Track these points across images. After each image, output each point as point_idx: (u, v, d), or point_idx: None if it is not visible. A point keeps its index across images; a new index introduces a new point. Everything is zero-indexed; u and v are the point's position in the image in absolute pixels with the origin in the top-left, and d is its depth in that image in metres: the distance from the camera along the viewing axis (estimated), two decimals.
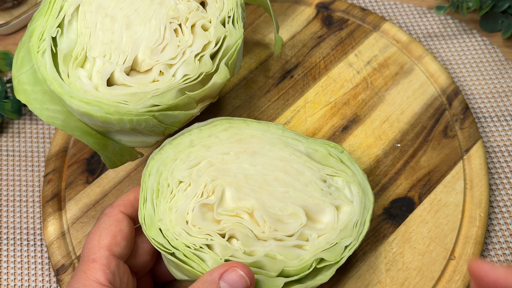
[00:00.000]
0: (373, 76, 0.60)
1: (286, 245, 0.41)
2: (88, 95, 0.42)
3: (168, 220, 0.41)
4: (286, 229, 0.42)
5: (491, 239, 0.53)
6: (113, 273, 0.40)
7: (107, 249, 0.41)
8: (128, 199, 0.44)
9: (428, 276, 0.49)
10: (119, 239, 0.42)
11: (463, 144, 0.55)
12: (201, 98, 0.45)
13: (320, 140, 0.48)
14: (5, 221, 0.57)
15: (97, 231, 0.42)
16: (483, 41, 0.64)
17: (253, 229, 0.41)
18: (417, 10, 0.67)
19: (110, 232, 0.42)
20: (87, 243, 0.42)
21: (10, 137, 0.62)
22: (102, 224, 0.42)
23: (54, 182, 0.56)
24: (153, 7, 0.46)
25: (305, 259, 0.41)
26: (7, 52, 0.63)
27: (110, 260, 0.41)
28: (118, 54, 0.44)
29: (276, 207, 0.43)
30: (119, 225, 0.42)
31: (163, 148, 0.44)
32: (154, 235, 0.41)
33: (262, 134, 0.47)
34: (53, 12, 0.45)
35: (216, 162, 0.44)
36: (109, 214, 0.43)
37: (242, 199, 0.42)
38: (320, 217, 0.44)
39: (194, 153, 0.44)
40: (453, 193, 0.53)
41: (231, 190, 0.43)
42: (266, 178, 0.44)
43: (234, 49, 0.45)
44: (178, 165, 0.43)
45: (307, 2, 0.65)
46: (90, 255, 0.41)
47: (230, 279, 0.38)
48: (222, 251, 0.40)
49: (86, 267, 0.40)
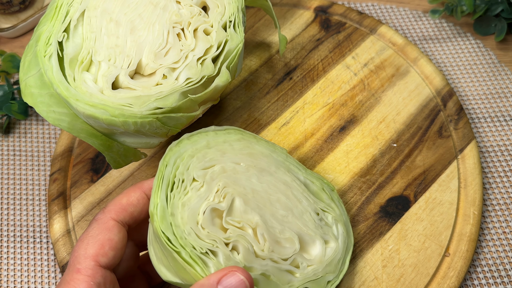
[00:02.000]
0: (370, 78, 0.60)
1: (281, 268, 0.41)
2: (93, 98, 0.42)
3: (179, 217, 0.39)
4: (282, 252, 0.41)
5: (485, 237, 0.53)
6: (98, 284, 0.38)
7: (93, 259, 0.38)
8: (120, 204, 0.41)
9: (423, 273, 0.49)
10: (107, 249, 0.39)
11: (458, 144, 0.55)
12: (203, 100, 0.45)
13: (316, 174, 0.48)
14: (12, 218, 0.57)
15: (85, 239, 0.39)
16: (476, 43, 0.64)
17: (254, 245, 0.40)
18: (412, 14, 0.67)
19: (98, 241, 0.39)
20: (74, 251, 0.39)
21: (17, 137, 0.62)
22: (91, 231, 0.40)
23: (59, 181, 0.56)
24: (157, 12, 0.46)
25: (294, 286, 0.41)
26: (14, 54, 0.63)
27: (95, 271, 0.38)
28: (123, 58, 0.44)
29: (276, 229, 0.42)
30: (108, 233, 0.39)
31: (181, 142, 0.42)
32: (165, 228, 0.38)
33: (270, 154, 0.46)
34: (59, 17, 0.45)
35: (228, 169, 0.43)
36: (99, 221, 0.40)
37: (248, 212, 0.41)
38: (310, 248, 0.44)
39: (210, 155, 0.43)
40: (448, 192, 0.53)
41: (240, 201, 0.41)
42: (270, 198, 0.43)
43: (235, 53, 0.45)
44: (194, 162, 0.42)
45: (305, 6, 0.65)
46: (76, 265, 0.38)
47: (229, 284, 0.36)
48: (225, 261, 0.38)
49: (70, 277, 0.38)
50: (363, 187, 0.53)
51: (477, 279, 0.51)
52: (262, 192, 0.43)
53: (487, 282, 0.51)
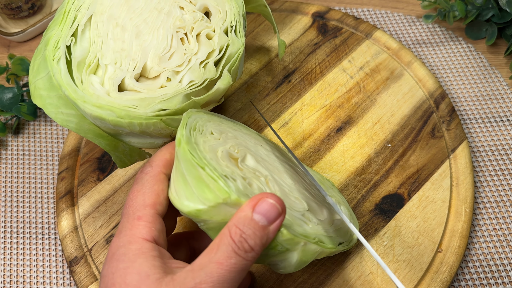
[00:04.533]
0: (365, 81, 0.60)
1: (293, 214, 0.40)
2: (100, 100, 0.42)
3: (202, 147, 0.39)
4: (292, 205, 0.41)
5: (476, 233, 0.53)
6: (158, 231, 0.38)
7: (152, 207, 0.38)
8: (165, 159, 0.41)
9: (417, 268, 0.49)
10: (162, 198, 0.39)
11: (450, 144, 0.55)
12: (205, 102, 0.45)
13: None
14: (22, 215, 0.57)
15: (141, 189, 0.39)
16: (468, 47, 0.64)
17: (267, 189, 0.40)
18: (406, 19, 0.67)
19: (154, 191, 0.39)
20: (130, 201, 0.39)
21: (26, 137, 0.62)
22: (146, 183, 0.39)
23: (67, 180, 0.57)
24: (161, 17, 0.46)
25: (308, 231, 0.40)
26: (23, 58, 0.63)
27: (155, 218, 0.38)
28: (128, 62, 0.44)
29: (286, 188, 0.42)
30: (161, 184, 0.40)
31: (198, 111, 0.43)
32: (191, 148, 0.37)
33: (274, 145, 0.48)
34: (67, 22, 0.45)
35: (240, 138, 0.44)
36: (151, 174, 0.40)
37: (259, 168, 0.41)
38: (318, 215, 0.44)
39: (223, 126, 0.44)
40: (440, 190, 0.53)
41: (251, 158, 0.42)
42: (278, 168, 0.44)
43: (237, 57, 0.45)
44: (211, 124, 0.42)
45: (303, 12, 0.65)
46: (136, 213, 0.38)
47: (263, 209, 0.35)
48: (244, 188, 0.37)
49: (131, 224, 0.38)
50: (359, 185, 0.54)
51: (469, 274, 0.51)
52: (270, 162, 0.44)
53: (478, 277, 0.51)
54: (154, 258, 0.36)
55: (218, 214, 0.36)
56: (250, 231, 0.35)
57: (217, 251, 0.34)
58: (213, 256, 0.34)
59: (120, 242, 0.37)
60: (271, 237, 0.36)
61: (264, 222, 0.35)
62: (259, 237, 0.35)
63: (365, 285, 0.49)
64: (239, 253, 0.34)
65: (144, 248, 0.36)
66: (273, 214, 0.35)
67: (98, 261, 0.52)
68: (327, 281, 0.49)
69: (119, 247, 0.37)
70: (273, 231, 0.36)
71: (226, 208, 0.36)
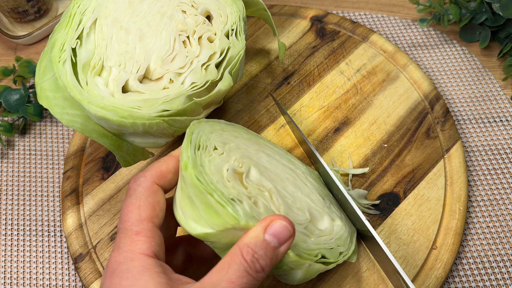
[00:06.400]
0: (362, 83, 0.60)
1: (297, 229, 0.40)
2: (105, 101, 0.42)
3: (207, 169, 0.38)
4: (296, 218, 0.41)
5: (470, 231, 0.53)
6: (158, 245, 0.36)
7: (149, 221, 0.37)
8: (160, 170, 0.39)
9: (412, 264, 0.49)
10: (158, 211, 0.38)
11: (444, 144, 0.55)
12: (207, 104, 0.45)
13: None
14: (28, 213, 0.57)
15: (135, 203, 0.37)
16: (462, 50, 0.64)
17: (271, 205, 0.40)
18: (402, 23, 0.67)
19: (149, 204, 0.37)
20: (125, 216, 0.37)
21: (32, 138, 0.62)
22: (140, 195, 0.38)
23: (72, 179, 0.57)
24: (164, 21, 0.46)
25: (311, 247, 0.41)
26: (30, 60, 0.63)
27: (154, 232, 0.37)
28: (132, 64, 0.44)
29: (288, 199, 0.42)
30: (156, 196, 0.38)
31: (201, 122, 0.42)
32: (198, 173, 0.37)
33: (273, 146, 0.48)
34: (73, 25, 0.45)
35: (242, 147, 0.43)
36: (144, 186, 0.38)
37: (263, 181, 0.41)
38: (319, 223, 0.44)
39: (225, 135, 0.43)
40: (435, 189, 0.53)
41: (255, 171, 0.41)
42: (280, 175, 0.44)
43: (237, 59, 0.45)
44: (214, 136, 0.42)
45: (302, 16, 0.65)
46: (133, 228, 0.36)
47: (275, 231, 0.35)
48: (250, 209, 0.37)
49: (130, 240, 0.36)
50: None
51: (463, 270, 0.51)
52: (272, 170, 0.44)
53: (472, 273, 0.51)
54: (159, 275, 0.34)
55: (226, 236, 0.36)
56: (261, 252, 0.35)
57: (228, 270, 0.34)
58: (224, 274, 0.34)
59: (121, 258, 0.35)
60: (279, 258, 0.36)
61: (276, 243, 0.35)
62: (269, 257, 0.35)
63: (362, 281, 0.49)
64: (250, 273, 0.34)
65: (147, 264, 0.35)
66: (284, 235, 0.35)
67: (103, 257, 0.52)
68: (325, 278, 0.49)
69: (120, 263, 0.35)
70: (282, 253, 0.36)
71: (234, 231, 0.36)
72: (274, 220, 0.35)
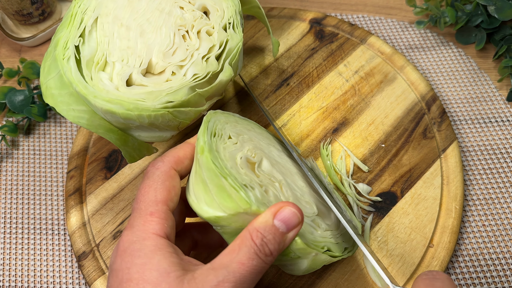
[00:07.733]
0: (360, 84, 0.60)
1: (304, 221, 0.40)
2: (110, 94, 0.42)
3: (222, 155, 0.39)
4: (304, 210, 0.41)
5: (466, 229, 0.53)
6: (170, 227, 0.37)
7: (164, 203, 0.37)
8: (177, 156, 0.40)
9: (409, 262, 0.49)
10: (173, 195, 0.38)
11: (441, 144, 0.56)
12: (209, 95, 0.45)
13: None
14: (32, 212, 0.57)
15: (152, 185, 0.38)
16: (458, 52, 0.65)
17: (281, 195, 0.40)
18: (399, 25, 0.67)
19: (166, 187, 0.38)
20: (141, 196, 0.38)
21: (36, 138, 0.62)
22: (157, 178, 0.38)
23: (76, 178, 0.57)
24: (163, 17, 0.46)
25: (317, 239, 0.41)
26: (34, 62, 0.63)
27: (167, 214, 0.37)
28: (135, 58, 0.45)
29: (297, 192, 0.43)
30: (172, 181, 0.38)
31: (216, 112, 0.43)
32: (213, 158, 0.37)
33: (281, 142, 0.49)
34: (75, 24, 0.45)
35: (255, 140, 0.44)
36: (162, 170, 0.39)
37: (273, 172, 0.42)
38: (326, 219, 0.44)
39: (239, 127, 0.44)
40: (432, 188, 0.53)
41: (267, 162, 0.42)
42: (290, 169, 0.45)
43: (236, 51, 0.46)
44: (228, 127, 0.42)
45: (301, 18, 0.66)
46: (148, 209, 0.37)
47: (284, 217, 0.35)
48: (262, 196, 0.38)
49: (144, 220, 0.36)
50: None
51: (459, 268, 0.52)
52: (283, 164, 0.44)
53: (468, 270, 0.51)
54: (171, 255, 0.35)
55: (236, 221, 0.37)
56: (270, 236, 0.35)
57: (239, 252, 0.34)
58: (235, 256, 0.34)
59: (134, 237, 0.36)
60: (287, 244, 0.36)
61: (284, 229, 0.36)
62: (278, 242, 0.35)
63: (360, 278, 0.49)
64: (260, 256, 0.35)
65: (159, 244, 0.35)
66: (293, 222, 0.36)
67: (106, 255, 0.52)
68: (324, 275, 0.49)
69: (132, 242, 0.35)
70: (290, 239, 0.36)
71: (245, 216, 0.36)
72: (284, 207, 0.36)
